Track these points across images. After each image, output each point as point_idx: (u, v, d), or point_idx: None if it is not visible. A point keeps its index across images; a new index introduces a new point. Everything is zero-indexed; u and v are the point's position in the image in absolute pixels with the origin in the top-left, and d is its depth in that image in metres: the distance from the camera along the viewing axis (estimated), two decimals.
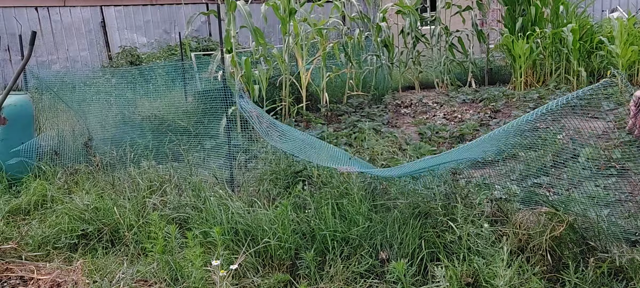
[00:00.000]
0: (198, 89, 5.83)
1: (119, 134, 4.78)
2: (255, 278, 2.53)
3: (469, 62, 8.97)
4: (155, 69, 6.84)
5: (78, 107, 4.95)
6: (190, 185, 3.50)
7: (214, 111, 4.76)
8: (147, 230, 2.94)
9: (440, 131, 5.47)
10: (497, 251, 2.26)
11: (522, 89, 7.90)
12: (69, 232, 3.13)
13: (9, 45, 11.43)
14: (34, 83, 5.25)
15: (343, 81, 7.61)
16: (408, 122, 6.38)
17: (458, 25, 9.31)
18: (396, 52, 9.12)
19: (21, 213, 3.64)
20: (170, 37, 13.23)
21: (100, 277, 2.63)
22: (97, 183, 3.89)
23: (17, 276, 2.77)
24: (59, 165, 4.27)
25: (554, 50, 8.20)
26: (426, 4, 11.43)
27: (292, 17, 6.28)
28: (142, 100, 5.41)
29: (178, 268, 2.56)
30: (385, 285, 2.39)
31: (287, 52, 6.48)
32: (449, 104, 7.28)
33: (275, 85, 6.63)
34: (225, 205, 2.98)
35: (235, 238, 2.79)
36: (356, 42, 7.77)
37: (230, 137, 3.94)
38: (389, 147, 4.75)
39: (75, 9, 12.28)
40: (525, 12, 8.55)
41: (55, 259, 2.96)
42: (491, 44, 9.65)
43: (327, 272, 2.51)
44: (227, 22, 5.47)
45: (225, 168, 3.88)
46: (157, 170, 3.94)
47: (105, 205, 3.27)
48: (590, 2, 9.42)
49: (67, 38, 12.24)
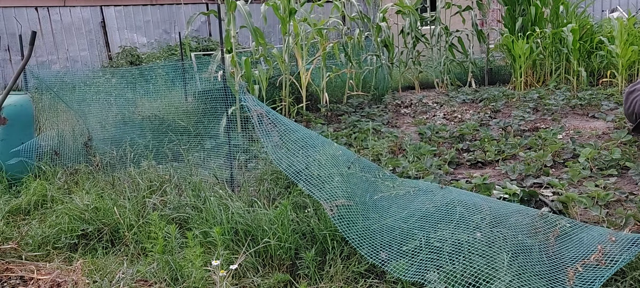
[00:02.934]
0: (198, 88, 5.83)
1: (119, 133, 4.78)
2: (255, 278, 2.53)
3: (469, 62, 8.97)
4: (155, 69, 6.84)
5: (78, 107, 4.95)
6: (190, 185, 3.50)
7: (214, 111, 4.77)
8: (147, 230, 2.94)
9: (440, 131, 5.47)
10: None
11: (522, 89, 7.90)
12: (69, 232, 3.13)
13: (9, 45, 11.43)
14: (34, 83, 5.25)
15: (343, 81, 7.61)
16: (408, 122, 6.38)
17: (458, 25, 9.32)
18: (396, 52, 9.12)
19: (21, 213, 3.64)
20: (170, 37, 13.23)
21: (100, 277, 2.63)
22: (97, 183, 3.89)
23: (17, 276, 2.77)
24: (59, 165, 4.27)
25: (554, 50, 8.21)
26: (426, 4, 11.43)
27: (292, 17, 6.28)
28: (142, 100, 5.41)
29: (178, 268, 2.56)
30: (385, 285, 2.39)
31: (287, 52, 6.48)
32: (449, 104, 7.29)
33: (275, 85, 6.63)
34: (225, 205, 2.98)
35: (235, 238, 2.79)
36: (356, 42, 7.77)
37: (230, 137, 3.94)
38: (390, 147, 4.76)
39: (75, 9, 12.28)
40: (525, 12, 8.55)
41: (55, 259, 2.96)
42: (491, 44, 9.66)
43: (327, 272, 2.51)
44: (227, 22, 5.47)
45: (225, 168, 3.88)
46: (157, 170, 3.94)
47: (105, 205, 3.27)
48: (590, 2, 9.42)
49: (67, 38, 12.24)
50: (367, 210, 2.66)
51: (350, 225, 2.47)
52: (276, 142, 3.08)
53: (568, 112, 6.20)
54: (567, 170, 3.79)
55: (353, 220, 2.52)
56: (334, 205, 2.54)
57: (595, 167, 3.88)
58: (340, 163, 2.95)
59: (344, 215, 2.52)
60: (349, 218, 2.52)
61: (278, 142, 3.08)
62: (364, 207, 2.67)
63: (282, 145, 3.08)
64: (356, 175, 2.95)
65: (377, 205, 2.73)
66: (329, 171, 2.83)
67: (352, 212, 2.57)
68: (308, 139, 3.16)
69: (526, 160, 4.15)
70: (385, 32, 8.28)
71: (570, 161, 4.03)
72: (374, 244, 2.42)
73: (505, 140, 4.88)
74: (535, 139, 4.78)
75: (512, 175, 3.85)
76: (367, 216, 2.60)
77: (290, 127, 3.22)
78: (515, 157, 4.43)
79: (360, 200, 2.71)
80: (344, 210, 2.55)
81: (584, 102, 6.45)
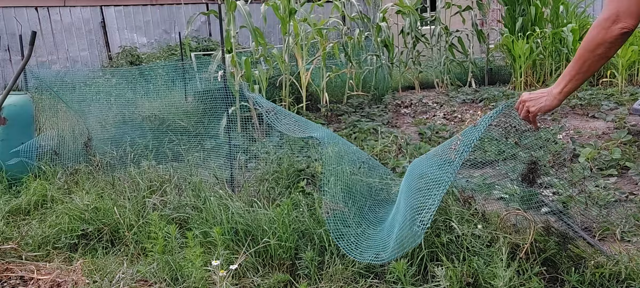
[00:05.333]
0: (198, 88, 5.83)
1: (119, 133, 4.78)
2: (255, 278, 2.53)
3: (469, 62, 8.97)
4: (155, 69, 6.84)
5: (78, 107, 4.95)
6: (190, 185, 3.50)
7: (214, 111, 4.77)
8: (147, 230, 2.94)
9: (440, 131, 5.47)
10: (495, 252, 2.26)
11: (522, 89, 7.90)
12: (69, 232, 3.13)
13: (9, 45, 11.43)
14: (34, 83, 5.25)
15: (343, 81, 7.61)
16: (408, 122, 6.38)
17: (458, 25, 9.31)
18: (396, 52, 9.12)
19: (21, 213, 3.63)
20: (170, 37, 13.23)
21: (100, 277, 2.63)
22: (97, 183, 3.89)
23: (17, 276, 2.77)
24: (59, 165, 4.27)
25: (554, 50, 8.20)
26: (426, 4, 11.43)
27: (292, 17, 6.28)
28: (142, 100, 5.41)
29: (178, 268, 2.56)
30: (385, 285, 2.39)
31: (287, 52, 6.48)
32: (449, 104, 7.28)
33: (275, 85, 6.63)
34: (225, 205, 2.98)
35: (235, 238, 2.79)
36: (356, 42, 7.77)
37: (230, 137, 3.94)
38: (390, 147, 4.76)
39: (75, 9, 12.28)
40: (525, 12, 8.55)
41: (55, 259, 2.96)
42: (491, 44, 9.65)
43: (327, 272, 2.51)
44: (227, 22, 5.47)
45: (225, 168, 3.88)
46: (157, 170, 3.94)
47: (105, 205, 3.27)
48: (590, 2, 9.43)
49: (67, 38, 12.24)
50: (364, 217, 2.65)
51: (342, 233, 2.47)
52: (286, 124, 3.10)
53: (568, 112, 6.20)
54: (567, 170, 3.79)
55: (347, 225, 2.51)
56: (330, 209, 2.54)
57: (595, 167, 3.88)
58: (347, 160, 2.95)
59: (339, 219, 2.52)
60: (343, 222, 2.51)
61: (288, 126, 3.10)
62: (361, 214, 2.66)
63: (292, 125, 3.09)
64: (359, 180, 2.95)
65: (375, 213, 2.72)
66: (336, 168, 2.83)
67: (348, 217, 2.56)
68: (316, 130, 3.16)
69: (526, 160, 4.15)
70: (385, 32, 8.28)
71: (570, 161, 4.03)
72: (364, 248, 2.41)
73: (505, 140, 4.88)
74: (535, 139, 4.77)
75: (512, 175, 3.85)
76: (360, 223, 2.59)
77: (300, 119, 3.24)
78: (515, 157, 4.43)
79: (359, 205, 2.70)
80: (340, 214, 2.55)
81: (584, 102, 6.45)
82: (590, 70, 1.83)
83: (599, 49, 1.76)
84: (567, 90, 1.91)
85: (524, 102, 2.07)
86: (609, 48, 1.75)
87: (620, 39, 1.72)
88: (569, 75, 1.88)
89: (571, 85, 1.89)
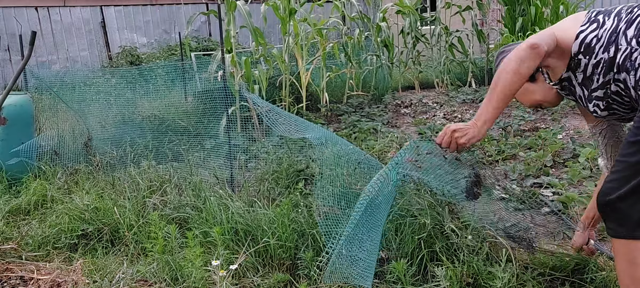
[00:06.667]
0: (198, 88, 5.83)
1: (118, 133, 4.78)
2: (255, 278, 2.53)
3: (469, 62, 8.97)
4: (155, 69, 6.84)
5: (78, 107, 4.95)
6: (190, 185, 3.50)
7: (214, 111, 4.77)
8: (147, 230, 2.94)
9: (440, 131, 5.47)
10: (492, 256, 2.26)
11: None
12: (69, 232, 3.13)
13: (9, 45, 11.44)
14: (34, 83, 5.25)
15: (343, 81, 7.61)
16: (408, 122, 6.38)
17: (458, 25, 9.32)
18: (396, 52, 9.12)
19: (21, 213, 3.63)
20: (170, 37, 13.24)
21: (100, 277, 2.63)
22: (97, 183, 3.89)
23: (17, 276, 2.77)
24: (59, 165, 4.27)
25: None
26: (426, 4, 11.44)
27: (292, 17, 6.28)
28: (142, 100, 5.41)
29: (178, 268, 2.56)
30: (385, 284, 2.39)
31: (287, 52, 6.48)
32: (449, 104, 7.29)
33: (275, 85, 6.63)
34: (225, 205, 2.98)
35: (235, 238, 2.79)
36: (356, 42, 7.77)
37: (230, 137, 3.94)
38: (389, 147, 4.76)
39: (75, 9, 12.29)
40: (525, 12, 8.55)
41: (55, 259, 2.95)
42: (491, 44, 9.65)
43: None
44: (227, 22, 5.47)
45: (225, 168, 3.88)
46: (157, 170, 3.94)
47: (105, 205, 3.27)
48: (590, 2, 9.42)
49: (67, 38, 12.25)
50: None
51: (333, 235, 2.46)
52: (282, 125, 3.10)
53: (568, 112, 6.20)
54: (567, 170, 3.79)
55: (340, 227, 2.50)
56: (323, 212, 2.53)
57: (595, 167, 3.88)
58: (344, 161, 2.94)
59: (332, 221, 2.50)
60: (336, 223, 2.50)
61: (285, 127, 3.10)
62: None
63: (291, 127, 3.09)
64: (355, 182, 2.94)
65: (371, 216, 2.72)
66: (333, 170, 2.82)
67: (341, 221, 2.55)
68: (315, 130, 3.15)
69: (526, 160, 4.15)
70: (385, 32, 8.28)
71: (570, 161, 4.03)
72: None
73: (505, 140, 4.88)
74: (535, 139, 4.78)
75: (512, 175, 3.85)
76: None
77: (297, 119, 3.24)
78: (515, 157, 4.43)
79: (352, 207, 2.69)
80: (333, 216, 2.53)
81: None
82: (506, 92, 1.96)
83: (511, 64, 1.88)
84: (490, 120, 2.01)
85: (453, 132, 2.10)
86: (519, 62, 1.85)
87: (529, 52, 1.82)
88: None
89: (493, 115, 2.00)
